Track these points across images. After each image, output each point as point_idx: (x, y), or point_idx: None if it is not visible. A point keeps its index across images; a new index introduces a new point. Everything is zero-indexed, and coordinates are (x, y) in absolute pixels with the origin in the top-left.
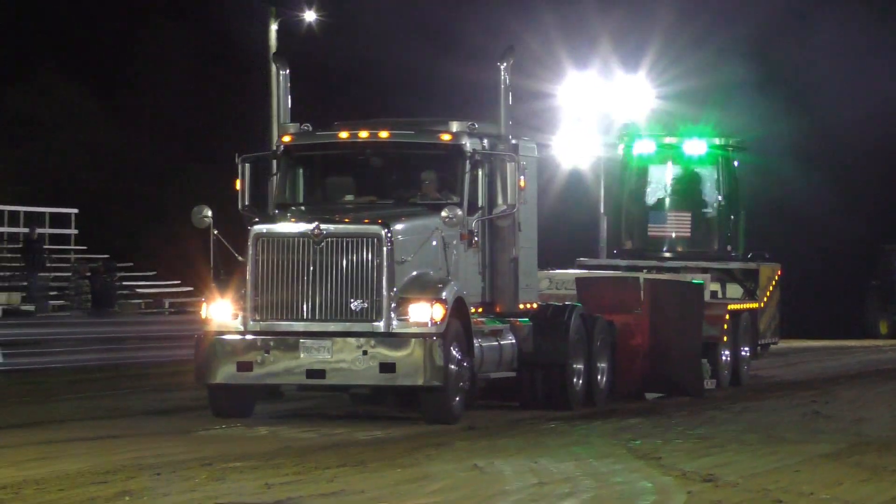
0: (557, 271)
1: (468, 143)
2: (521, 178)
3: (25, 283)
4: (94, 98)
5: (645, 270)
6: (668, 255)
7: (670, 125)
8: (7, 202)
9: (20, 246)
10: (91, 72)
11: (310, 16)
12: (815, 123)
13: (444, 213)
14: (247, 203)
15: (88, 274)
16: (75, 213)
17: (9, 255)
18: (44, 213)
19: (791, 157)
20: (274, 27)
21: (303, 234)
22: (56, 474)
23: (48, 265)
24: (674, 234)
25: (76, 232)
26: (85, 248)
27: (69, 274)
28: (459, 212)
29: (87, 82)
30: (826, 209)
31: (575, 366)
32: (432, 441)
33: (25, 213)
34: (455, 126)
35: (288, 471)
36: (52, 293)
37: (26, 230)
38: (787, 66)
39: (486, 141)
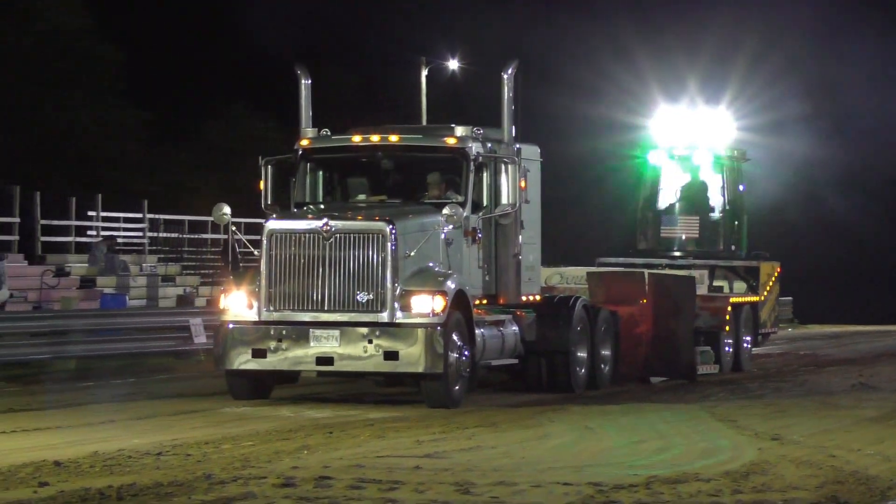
0: (568, 268)
1: (472, 147)
2: (523, 179)
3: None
4: (277, 130)
5: (659, 267)
6: (678, 254)
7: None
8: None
9: (220, 249)
10: (275, 108)
11: (453, 64)
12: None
13: (445, 211)
14: (269, 202)
15: None
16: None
17: (213, 258)
18: (240, 223)
19: (840, 184)
20: (424, 73)
21: (313, 230)
22: (248, 432)
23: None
24: (683, 236)
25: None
26: None
27: None
28: (460, 210)
29: (272, 117)
30: (871, 220)
31: (578, 353)
32: (552, 407)
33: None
34: (460, 131)
35: (435, 430)
36: None
37: (225, 236)
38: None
39: (490, 145)
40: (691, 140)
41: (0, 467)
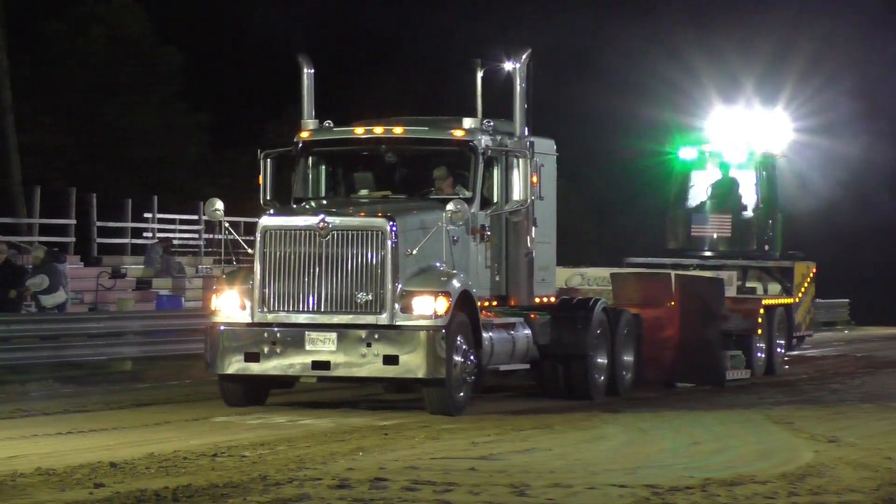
0: (590, 268)
1: (480, 140)
2: (535, 174)
3: None
4: None
5: (690, 268)
6: (709, 254)
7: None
8: None
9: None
10: (333, 110)
11: (509, 66)
12: None
13: (449, 207)
14: (268, 197)
15: None
16: None
17: None
18: None
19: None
20: (480, 75)
21: (309, 228)
22: (303, 433)
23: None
24: (715, 235)
25: None
26: None
27: None
28: (465, 206)
29: (329, 118)
30: None
31: (597, 358)
32: (607, 409)
33: None
34: (468, 123)
35: (490, 432)
36: None
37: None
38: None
39: (500, 138)
40: (731, 138)
41: (56, 468)
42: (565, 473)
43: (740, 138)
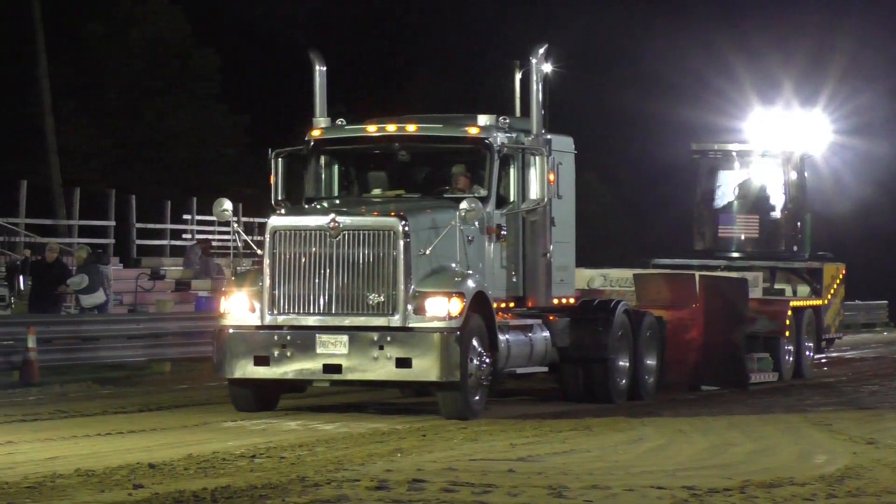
0: (612, 269)
1: (496, 137)
2: (552, 173)
3: None
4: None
5: (717, 269)
6: (736, 255)
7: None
8: None
9: None
10: (372, 110)
11: (547, 67)
12: None
13: (462, 206)
14: (280, 197)
15: None
16: None
17: None
18: None
19: None
20: (518, 76)
21: (319, 228)
22: (342, 435)
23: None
24: (742, 236)
25: None
26: None
27: None
28: (479, 205)
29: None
30: None
31: (619, 361)
32: (645, 411)
33: None
34: (483, 120)
35: (528, 433)
36: None
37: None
38: None
39: (516, 135)
40: (753, 138)
41: (95, 469)
42: (603, 475)
43: (775, 139)
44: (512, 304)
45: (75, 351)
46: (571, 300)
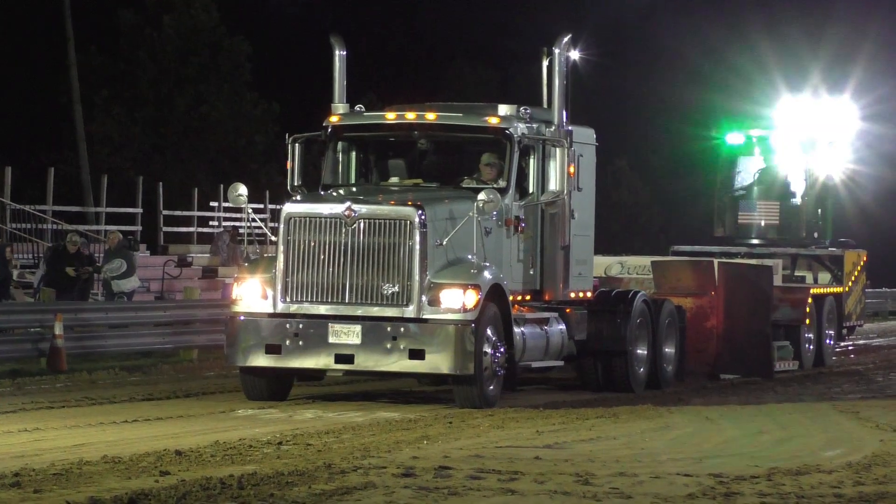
0: (630, 257)
1: (517, 127)
2: (572, 164)
3: None
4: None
5: (738, 256)
6: (756, 241)
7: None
8: None
9: None
10: (403, 98)
11: (574, 54)
12: None
13: (480, 197)
14: (296, 183)
15: None
16: None
17: None
18: None
19: None
20: (545, 65)
21: (334, 215)
22: (370, 422)
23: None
24: (763, 222)
25: None
26: None
27: None
28: (497, 196)
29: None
30: None
31: (638, 351)
32: (673, 398)
33: None
34: (504, 110)
35: (555, 421)
36: None
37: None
38: None
39: (537, 126)
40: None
41: (122, 456)
42: (630, 462)
43: (801, 125)
44: (528, 297)
45: (103, 338)
46: (589, 294)
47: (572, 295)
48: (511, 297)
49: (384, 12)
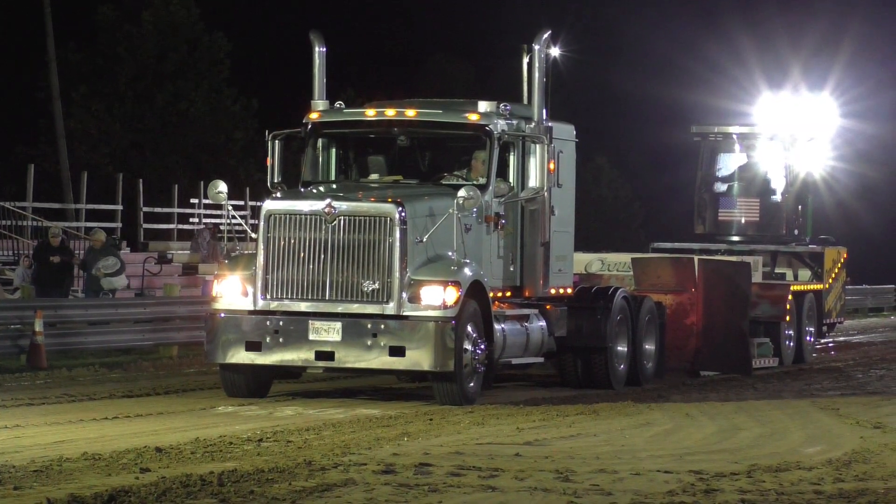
0: (610, 254)
1: (496, 124)
2: (552, 161)
3: None
4: None
5: (717, 253)
6: (736, 238)
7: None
8: None
9: None
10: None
11: (554, 51)
12: None
13: (460, 194)
14: (276, 180)
15: None
16: None
17: None
18: None
19: None
20: (525, 61)
21: (314, 212)
22: (350, 419)
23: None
24: (743, 219)
25: None
26: None
27: None
28: (477, 193)
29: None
30: None
31: (618, 348)
32: (653, 395)
33: None
34: (483, 106)
35: (535, 417)
36: None
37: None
38: None
39: (517, 122)
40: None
41: (102, 453)
42: (610, 459)
43: (781, 122)
44: (509, 294)
45: (83, 335)
46: (569, 290)
47: (552, 291)
48: (491, 294)
49: (364, 8)
